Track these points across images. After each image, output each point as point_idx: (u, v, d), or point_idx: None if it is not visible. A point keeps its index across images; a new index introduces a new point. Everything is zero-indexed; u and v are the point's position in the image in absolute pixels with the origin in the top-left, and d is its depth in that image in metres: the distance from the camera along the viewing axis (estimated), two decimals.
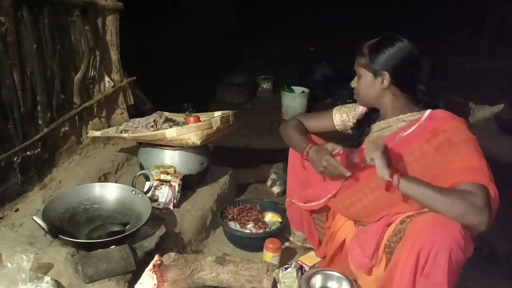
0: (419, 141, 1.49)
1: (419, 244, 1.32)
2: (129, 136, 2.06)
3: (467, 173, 1.38)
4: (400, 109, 1.59)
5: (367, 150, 1.45)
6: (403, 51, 1.52)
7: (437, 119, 1.51)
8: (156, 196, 1.91)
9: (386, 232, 1.53)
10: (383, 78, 1.55)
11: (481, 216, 1.31)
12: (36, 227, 1.54)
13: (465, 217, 1.32)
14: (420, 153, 1.48)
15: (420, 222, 1.37)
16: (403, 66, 1.53)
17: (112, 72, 2.36)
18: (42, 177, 1.90)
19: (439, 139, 1.45)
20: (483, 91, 4.57)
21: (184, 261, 1.60)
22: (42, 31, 1.80)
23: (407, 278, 1.35)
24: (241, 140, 3.49)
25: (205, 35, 5.09)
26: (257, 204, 2.20)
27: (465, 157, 1.41)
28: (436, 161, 1.44)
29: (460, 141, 1.43)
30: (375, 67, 1.55)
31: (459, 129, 1.47)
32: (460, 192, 1.35)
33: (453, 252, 1.30)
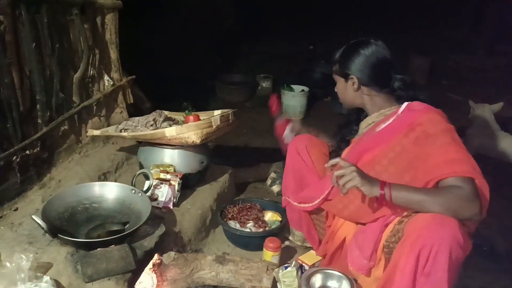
0: (398, 136, 1.52)
1: (419, 243, 1.32)
2: (128, 135, 2.06)
3: (449, 166, 1.40)
4: (379, 105, 1.65)
5: (337, 177, 1.44)
6: (365, 53, 1.61)
7: (413, 111, 1.54)
8: (155, 195, 1.90)
9: (384, 232, 1.53)
10: (352, 81, 1.64)
11: (473, 208, 1.35)
12: (36, 226, 1.53)
13: (459, 213, 1.35)
14: (400, 148, 1.51)
15: (418, 221, 1.38)
16: (368, 68, 1.61)
17: (111, 70, 2.35)
18: (41, 177, 1.89)
19: (416, 132, 1.48)
20: (482, 89, 4.57)
21: (183, 260, 1.60)
22: (41, 30, 1.80)
23: (408, 278, 1.36)
24: (241, 139, 3.49)
25: (204, 33, 5.08)
26: (257, 203, 2.20)
27: (445, 149, 1.43)
28: (415, 155, 1.47)
29: (436, 133, 1.46)
30: (344, 71, 1.65)
31: (434, 120, 1.49)
32: (448, 189, 1.37)
33: (453, 250, 1.30)
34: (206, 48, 5.00)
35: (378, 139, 1.57)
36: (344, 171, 1.42)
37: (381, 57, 1.61)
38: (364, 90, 1.64)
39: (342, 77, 1.67)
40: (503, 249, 2.18)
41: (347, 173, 1.41)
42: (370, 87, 1.63)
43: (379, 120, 1.63)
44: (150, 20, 4.23)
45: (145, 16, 4.06)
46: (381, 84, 1.63)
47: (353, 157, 1.61)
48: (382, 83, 1.63)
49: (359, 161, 1.58)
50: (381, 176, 1.49)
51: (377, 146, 1.56)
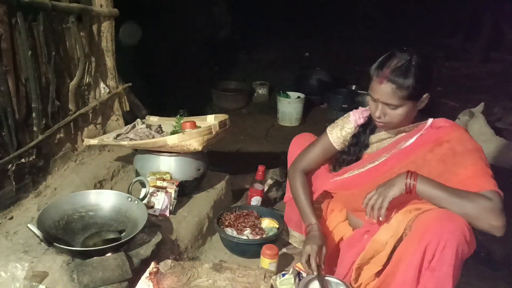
0: (422, 150, 1.48)
1: (427, 238, 1.33)
2: (128, 144, 2.05)
3: (477, 182, 1.38)
4: (409, 121, 1.55)
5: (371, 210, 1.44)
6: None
7: (440, 128, 1.50)
8: (152, 202, 1.90)
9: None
10: (425, 99, 1.50)
11: (496, 220, 1.33)
12: (31, 235, 1.52)
13: (480, 221, 1.34)
14: (422, 162, 1.47)
15: (426, 218, 1.38)
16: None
17: (107, 78, 2.35)
18: (37, 185, 1.88)
19: (443, 149, 1.45)
20: (477, 95, 4.60)
21: (180, 269, 1.59)
22: (37, 38, 1.79)
23: (413, 272, 1.36)
24: (238, 146, 3.50)
25: (200, 41, 5.10)
26: (254, 210, 2.19)
27: (472, 167, 1.40)
28: (439, 172, 1.44)
29: (464, 151, 1.43)
30: (418, 94, 1.46)
31: (463, 139, 1.46)
32: (477, 195, 1.35)
33: (460, 245, 1.31)
34: (202, 55, 5.02)
35: (402, 156, 1.53)
36: (371, 202, 1.43)
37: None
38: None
39: (414, 99, 1.46)
40: (500, 256, 2.18)
41: (373, 201, 1.42)
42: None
43: (400, 137, 1.57)
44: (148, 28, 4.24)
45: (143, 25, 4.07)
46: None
47: (372, 174, 1.58)
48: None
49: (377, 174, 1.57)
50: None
51: (400, 161, 1.52)
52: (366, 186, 1.56)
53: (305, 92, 4.39)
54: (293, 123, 4.24)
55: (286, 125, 4.23)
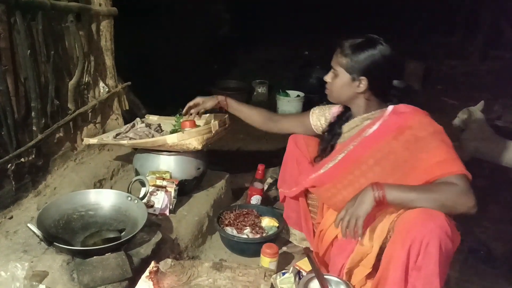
0: (387, 138, 1.53)
1: (409, 238, 1.35)
2: (128, 143, 2.04)
3: (441, 167, 1.42)
4: (368, 109, 1.64)
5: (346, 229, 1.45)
6: (385, 57, 1.54)
7: (401, 114, 1.54)
8: (152, 202, 1.89)
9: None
10: (360, 82, 1.57)
11: (468, 202, 1.38)
12: (31, 234, 1.52)
13: (456, 208, 1.38)
14: (388, 149, 1.52)
15: (407, 217, 1.40)
16: (381, 73, 1.56)
17: (106, 77, 2.35)
18: (36, 184, 1.88)
19: (406, 135, 1.50)
20: (476, 93, 4.61)
21: (180, 268, 1.59)
22: (36, 37, 1.79)
23: (400, 273, 1.37)
24: (237, 145, 3.49)
25: (200, 40, 5.09)
26: (254, 209, 2.19)
27: (435, 152, 1.45)
28: (405, 158, 1.49)
29: (426, 136, 1.47)
30: (355, 70, 1.56)
31: (424, 123, 1.51)
32: (442, 185, 1.39)
33: (442, 241, 1.33)
34: (202, 54, 5.01)
35: (367, 143, 1.58)
36: (344, 224, 1.43)
37: (396, 63, 1.58)
38: (366, 93, 1.60)
39: (349, 73, 1.57)
40: (500, 253, 2.18)
41: (346, 222, 1.42)
42: (373, 92, 1.60)
43: (365, 125, 1.63)
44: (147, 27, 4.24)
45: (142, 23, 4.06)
46: (385, 91, 1.62)
47: (345, 165, 1.63)
48: (386, 90, 1.62)
49: (348, 163, 1.61)
50: (366, 175, 1.54)
51: (366, 149, 1.57)
52: (339, 178, 1.62)
53: (304, 91, 4.39)
54: None
55: None
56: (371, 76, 1.55)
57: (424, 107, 1.60)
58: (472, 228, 2.40)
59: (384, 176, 1.51)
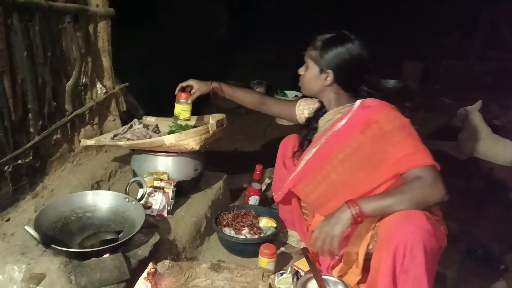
0: (354, 132, 1.55)
1: (393, 243, 1.36)
2: (125, 144, 2.04)
3: (407, 160, 1.44)
4: (339, 103, 1.68)
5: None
6: (351, 53, 1.59)
7: (368, 108, 1.57)
8: (149, 203, 1.89)
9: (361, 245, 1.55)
10: (327, 75, 1.62)
11: (439, 191, 1.39)
12: (28, 236, 1.51)
13: (428, 201, 1.40)
14: (357, 144, 1.54)
15: (388, 222, 1.41)
16: (348, 68, 1.61)
17: (104, 78, 2.34)
18: (34, 186, 1.87)
19: (373, 129, 1.52)
20: (474, 93, 4.61)
21: (178, 269, 1.59)
22: (33, 38, 1.79)
23: (388, 279, 1.38)
24: (235, 145, 3.49)
25: (198, 40, 5.09)
26: (252, 209, 2.19)
27: (402, 145, 1.47)
28: (373, 152, 1.51)
29: (392, 129, 1.49)
30: (322, 63, 1.62)
31: (390, 116, 1.53)
32: (410, 183, 1.41)
33: (426, 242, 1.34)
34: (200, 55, 5.00)
35: (337, 138, 1.61)
36: (319, 244, 1.45)
37: (362, 61, 1.62)
38: (334, 87, 1.65)
39: (318, 66, 1.64)
40: (497, 253, 2.18)
41: (321, 242, 1.44)
42: (341, 86, 1.64)
43: (336, 119, 1.67)
44: (145, 28, 4.24)
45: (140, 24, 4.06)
46: (352, 86, 1.65)
47: (317, 160, 1.66)
48: (353, 86, 1.65)
49: (320, 158, 1.64)
50: (337, 170, 1.57)
51: (336, 144, 1.60)
52: (314, 173, 1.66)
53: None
54: (290, 122, 4.24)
55: (283, 124, 4.20)
56: (337, 70, 1.61)
57: (422, 107, 1.62)
58: (469, 228, 2.40)
59: (354, 170, 1.54)
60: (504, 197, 2.78)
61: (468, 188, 2.86)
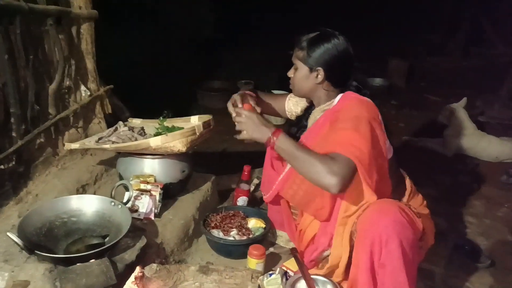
0: (327, 125, 1.58)
1: (368, 239, 1.37)
2: (111, 147, 2.01)
3: (337, 145, 1.45)
4: (329, 100, 1.68)
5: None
6: (338, 48, 1.60)
7: (344, 101, 1.60)
8: (136, 206, 1.87)
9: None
10: (318, 73, 1.63)
11: (331, 179, 1.37)
12: (12, 243, 1.48)
13: (320, 179, 1.39)
14: (328, 135, 1.55)
15: (363, 219, 1.43)
16: (336, 63, 1.61)
17: (88, 81, 2.32)
18: (17, 191, 1.84)
19: (334, 117, 1.55)
20: (458, 89, 4.67)
21: (166, 272, 1.58)
22: (14, 41, 1.75)
23: (367, 275, 1.39)
24: (223, 146, 3.48)
25: (184, 40, 5.07)
26: (240, 210, 2.18)
27: (340, 132, 1.48)
28: (326, 137, 1.54)
29: (345, 118, 1.51)
30: (311, 62, 1.62)
31: (350, 107, 1.55)
32: (322, 155, 1.42)
33: (401, 234, 1.34)
34: (186, 55, 4.98)
35: (313, 134, 1.64)
36: (239, 119, 1.56)
37: (349, 56, 1.63)
38: (325, 84, 1.65)
39: (307, 66, 1.64)
40: (484, 248, 2.21)
41: (242, 121, 1.55)
42: (331, 83, 1.65)
43: (322, 115, 1.68)
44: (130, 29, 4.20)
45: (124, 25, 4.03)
46: (342, 82, 1.66)
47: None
48: (343, 81, 1.66)
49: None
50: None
51: (316, 138, 1.61)
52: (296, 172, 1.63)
53: (289, 90, 4.37)
54: (278, 121, 4.22)
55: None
56: (326, 66, 1.61)
57: (408, 105, 1.63)
58: (456, 224, 2.43)
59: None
60: (490, 193, 2.82)
61: (454, 184, 2.89)
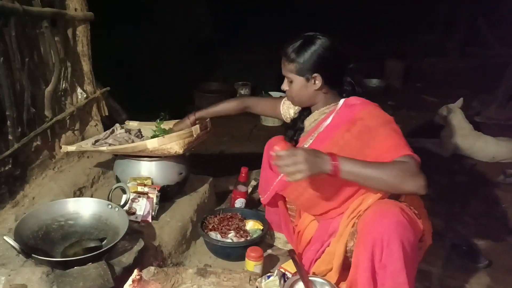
0: (340, 131, 1.55)
1: (370, 239, 1.36)
2: (107, 149, 2.01)
3: (392, 150, 1.43)
4: (326, 103, 1.67)
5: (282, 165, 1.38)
6: (324, 47, 1.59)
7: (352, 106, 1.58)
8: (133, 209, 1.87)
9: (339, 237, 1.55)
10: (315, 79, 1.61)
11: (418, 180, 1.35)
12: (8, 247, 1.47)
13: (404, 185, 1.36)
14: (343, 142, 1.53)
15: (365, 219, 1.42)
16: (330, 63, 1.60)
17: (84, 83, 2.31)
18: (14, 195, 1.83)
19: (358, 126, 1.52)
20: (455, 90, 4.68)
21: (164, 275, 1.57)
22: (9, 44, 1.74)
23: (367, 275, 1.39)
24: (221, 147, 3.48)
25: (181, 42, 5.05)
26: (238, 212, 2.18)
27: (387, 138, 1.47)
28: (358, 148, 1.50)
29: (377, 125, 1.50)
30: (305, 71, 1.61)
31: (374, 114, 1.54)
32: (394, 163, 1.39)
33: (403, 235, 1.34)
34: (183, 57, 4.97)
35: (324, 136, 1.61)
36: (292, 160, 1.35)
37: (338, 51, 1.62)
38: (324, 88, 1.64)
39: (301, 75, 1.62)
40: (481, 248, 2.21)
41: (298, 161, 1.34)
42: (329, 84, 1.64)
43: (321, 119, 1.66)
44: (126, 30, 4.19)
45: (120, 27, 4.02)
46: (338, 80, 1.65)
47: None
48: (339, 79, 1.65)
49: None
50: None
51: (322, 143, 1.59)
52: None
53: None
54: (276, 123, 4.23)
55: (269, 125, 4.22)
56: (321, 70, 1.60)
57: (405, 105, 1.62)
58: (453, 223, 2.43)
59: None
60: (487, 193, 2.82)
61: (451, 184, 2.90)
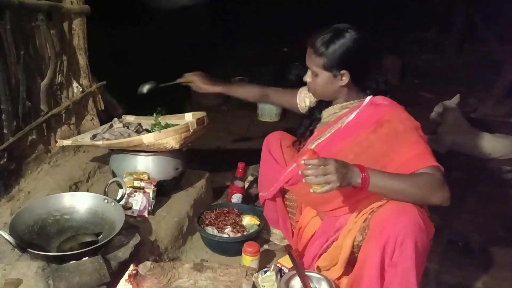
0: (365, 131, 1.52)
1: (384, 236, 1.35)
2: (103, 144, 1.99)
3: (418, 160, 1.43)
4: (348, 98, 1.63)
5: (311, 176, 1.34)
6: (356, 44, 1.52)
7: (378, 106, 1.54)
8: (130, 203, 1.86)
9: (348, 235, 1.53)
10: (342, 76, 1.56)
11: (444, 193, 1.38)
12: (4, 241, 1.47)
13: (431, 198, 1.38)
14: (367, 143, 1.51)
15: (380, 215, 1.40)
16: (359, 60, 1.56)
17: (80, 77, 2.29)
18: (9, 189, 1.82)
19: (385, 129, 1.50)
20: (452, 86, 4.69)
21: (160, 270, 1.57)
22: (4, 37, 1.72)
23: (375, 272, 1.38)
24: (218, 143, 3.47)
25: (178, 37, 5.03)
26: (235, 207, 2.17)
27: (413, 146, 1.46)
28: (384, 152, 1.48)
29: (405, 130, 1.48)
30: (334, 67, 1.54)
31: (402, 118, 1.52)
32: (421, 175, 1.39)
33: (417, 237, 1.33)
34: (181, 52, 4.95)
35: (345, 133, 1.58)
36: (317, 171, 1.32)
37: (370, 47, 1.57)
38: (350, 84, 1.59)
39: (329, 71, 1.55)
40: (478, 245, 2.22)
41: (329, 171, 1.31)
42: (355, 81, 1.59)
43: (343, 113, 1.63)
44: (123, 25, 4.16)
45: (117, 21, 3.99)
46: (366, 77, 1.61)
47: (322, 153, 1.60)
48: (366, 76, 1.62)
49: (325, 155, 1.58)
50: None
51: (343, 140, 1.57)
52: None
53: (284, 87, 4.38)
54: (273, 119, 4.23)
55: (266, 120, 4.21)
56: (350, 67, 1.54)
57: (401, 102, 1.61)
58: (450, 220, 2.43)
59: None
60: (484, 189, 2.83)
61: (448, 181, 2.89)
